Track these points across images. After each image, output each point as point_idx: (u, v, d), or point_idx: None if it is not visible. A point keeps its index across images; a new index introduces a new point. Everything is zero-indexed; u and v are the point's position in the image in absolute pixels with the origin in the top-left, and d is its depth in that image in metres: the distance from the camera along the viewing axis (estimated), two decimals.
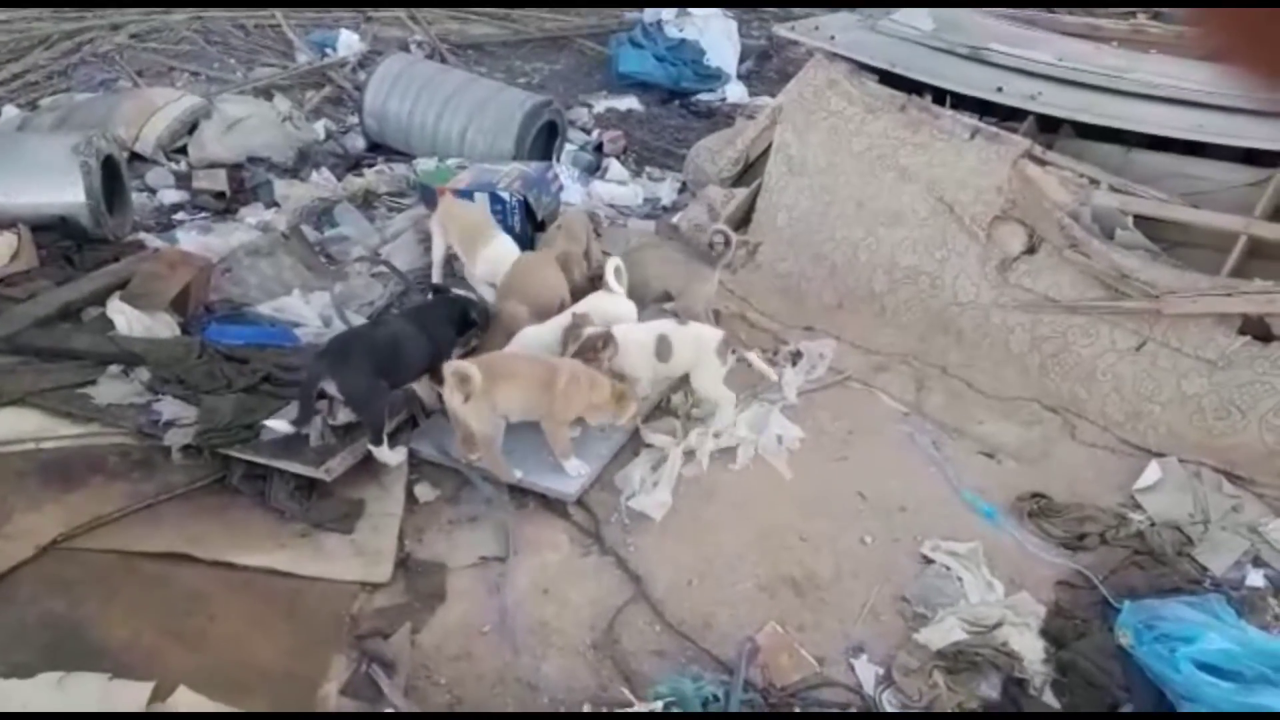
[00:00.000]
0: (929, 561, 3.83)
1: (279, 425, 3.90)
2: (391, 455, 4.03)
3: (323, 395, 4.02)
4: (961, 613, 3.56)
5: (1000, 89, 5.53)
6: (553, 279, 4.95)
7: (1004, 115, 5.73)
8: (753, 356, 4.60)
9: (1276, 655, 3.21)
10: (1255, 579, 3.75)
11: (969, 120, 5.49)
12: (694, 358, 4.42)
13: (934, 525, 3.99)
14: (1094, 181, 5.07)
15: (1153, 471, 4.21)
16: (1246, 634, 3.29)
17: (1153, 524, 3.97)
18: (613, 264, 4.74)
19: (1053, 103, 5.42)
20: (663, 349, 4.37)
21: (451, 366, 3.75)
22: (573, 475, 4.03)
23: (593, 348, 4.21)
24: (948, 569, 3.77)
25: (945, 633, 3.49)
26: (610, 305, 4.61)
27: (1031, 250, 5.09)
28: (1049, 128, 5.76)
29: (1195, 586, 3.67)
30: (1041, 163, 5.19)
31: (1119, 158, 5.45)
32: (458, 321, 4.49)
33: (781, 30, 6.54)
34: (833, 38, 6.09)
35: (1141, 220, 4.94)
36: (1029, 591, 3.69)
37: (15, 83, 7.97)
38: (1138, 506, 4.09)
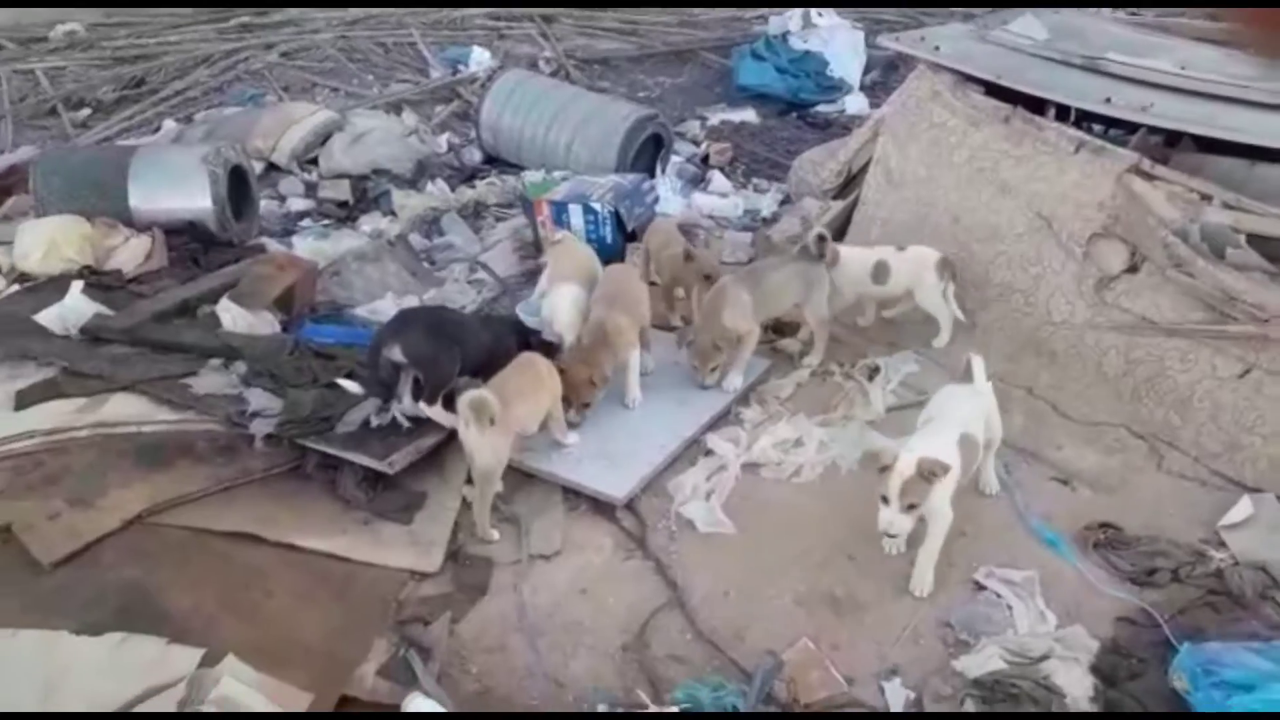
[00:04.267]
0: (981, 588, 3.69)
1: (350, 385, 4.28)
2: (445, 415, 4.19)
3: (396, 366, 4.22)
4: (1006, 642, 3.42)
5: (1109, 99, 5.26)
6: (642, 288, 5.04)
7: (1130, 129, 5.46)
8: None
9: None
10: None
11: (1074, 133, 5.25)
12: (913, 278, 5.03)
13: (993, 552, 3.84)
14: (1205, 197, 4.77)
15: (1244, 507, 3.92)
16: None
17: (1235, 563, 3.70)
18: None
19: (1166, 114, 5.11)
20: (879, 272, 5.06)
21: (467, 397, 3.78)
22: (568, 445, 4.30)
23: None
24: (999, 596, 3.62)
25: (984, 661, 3.35)
26: None
27: (1133, 269, 4.82)
28: (1174, 141, 5.45)
29: (1275, 634, 3.39)
30: (1150, 177, 4.91)
31: (1242, 172, 5.10)
32: (519, 340, 4.65)
33: (886, 41, 6.43)
34: (937, 48, 5.94)
35: (1260, 240, 4.60)
36: (1084, 625, 3.49)
37: (176, 99, 8.71)
38: (1221, 544, 3.81)
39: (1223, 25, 5.47)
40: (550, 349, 4.65)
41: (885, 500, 3.46)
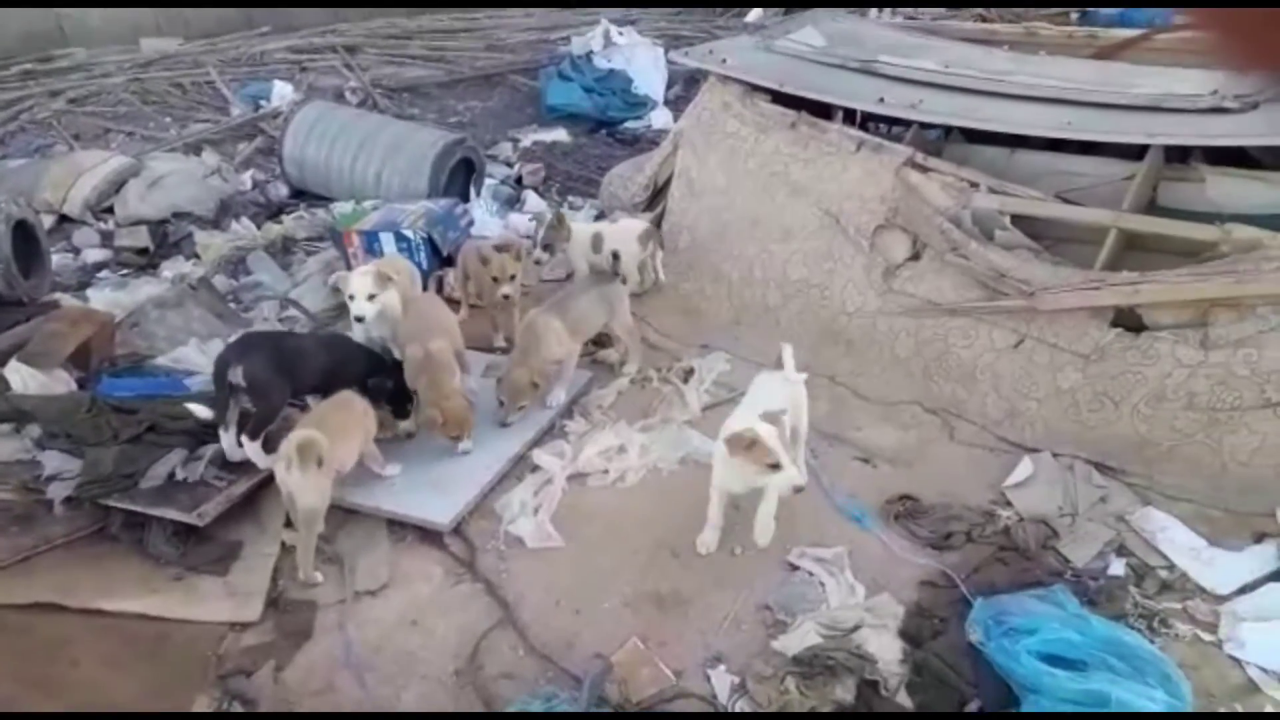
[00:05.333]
0: (795, 569, 3.87)
1: (199, 410, 4.22)
2: (262, 456, 4.13)
3: (232, 388, 4.14)
4: (820, 617, 3.60)
5: (882, 99, 5.62)
6: (449, 313, 5.06)
7: (907, 126, 5.83)
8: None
9: (1115, 641, 3.24)
10: (1117, 568, 3.77)
11: (855, 133, 5.59)
12: (621, 245, 5.55)
13: (805, 533, 4.04)
14: (974, 185, 5.15)
15: (1024, 468, 4.26)
16: (1088, 622, 3.32)
17: (1020, 520, 4.01)
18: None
19: (932, 109, 5.50)
20: (596, 242, 5.66)
21: (294, 438, 3.73)
22: (388, 475, 4.31)
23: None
24: (811, 575, 3.81)
25: (801, 638, 3.52)
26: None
27: (915, 257, 5.16)
28: (946, 134, 5.86)
29: (1056, 579, 3.70)
30: (924, 169, 5.27)
31: (1003, 160, 5.53)
32: (367, 366, 4.58)
33: (676, 56, 6.66)
34: (724, 60, 6.21)
35: (1022, 220, 5.01)
36: (891, 593, 3.72)
37: None
38: (1008, 504, 4.13)
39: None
40: (400, 374, 4.59)
41: (777, 466, 3.60)
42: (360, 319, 4.80)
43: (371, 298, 4.78)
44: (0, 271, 5.57)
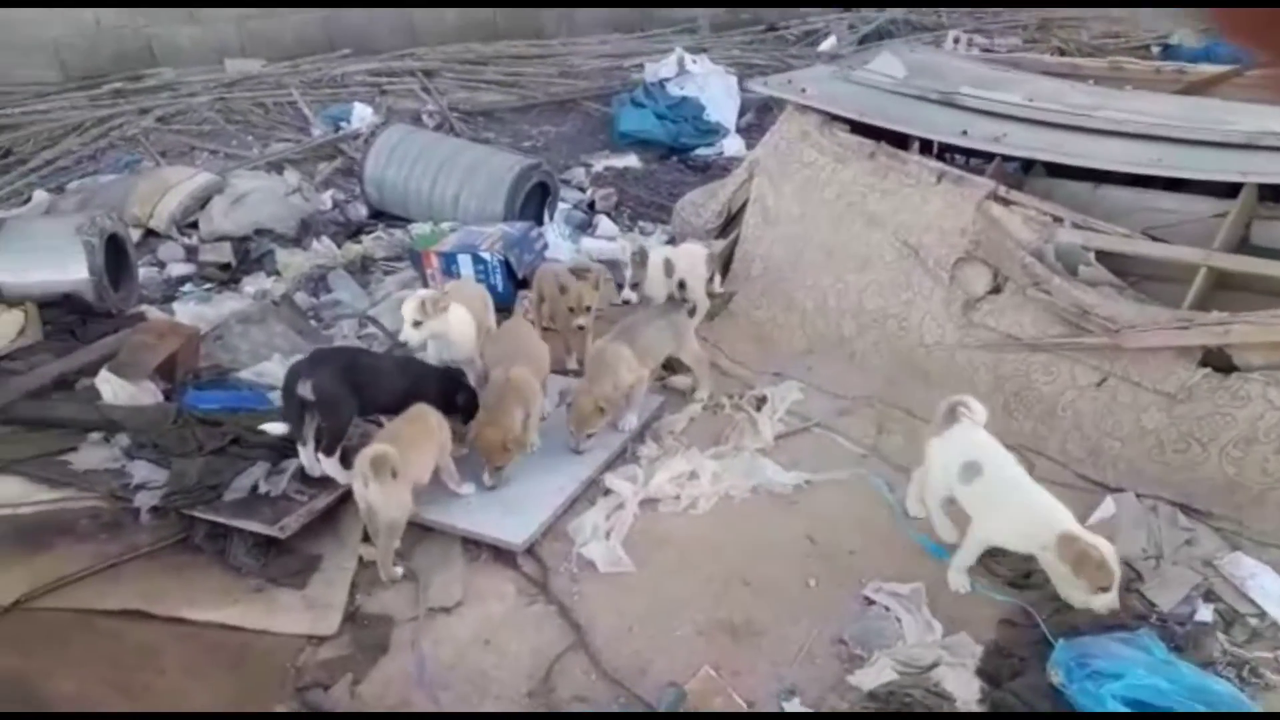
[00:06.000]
0: (871, 603, 3.82)
1: (274, 428, 4.27)
2: (340, 472, 4.19)
3: (302, 403, 4.20)
4: (897, 654, 3.55)
5: (965, 132, 5.58)
6: (538, 340, 5.09)
7: (988, 159, 5.77)
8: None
9: (1204, 690, 3.15)
10: (1205, 614, 3.67)
11: (935, 164, 5.55)
12: (688, 270, 5.54)
13: (881, 567, 3.99)
14: (1058, 219, 5.08)
15: (1106, 507, 4.16)
16: (1177, 669, 3.23)
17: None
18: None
19: (1017, 143, 5.45)
20: (669, 267, 5.51)
21: (367, 454, 3.79)
22: (463, 493, 4.34)
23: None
24: (887, 610, 3.76)
25: (878, 674, 3.47)
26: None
27: (996, 290, 5.10)
28: (1028, 168, 5.79)
29: (1141, 623, 3.60)
30: (1006, 203, 5.21)
31: (1087, 194, 5.45)
32: (443, 386, 4.60)
33: (755, 85, 6.68)
34: (804, 90, 6.21)
35: (1107, 256, 4.93)
36: (970, 631, 3.65)
37: (46, 169, 8.45)
38: None
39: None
40: (473, 398, 4.63)
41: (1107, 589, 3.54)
42: (403, 344, 4.85)
43: (417, 324, 4.72)
44: (92, 283, 5.77)
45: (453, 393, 4.57)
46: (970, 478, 3.86)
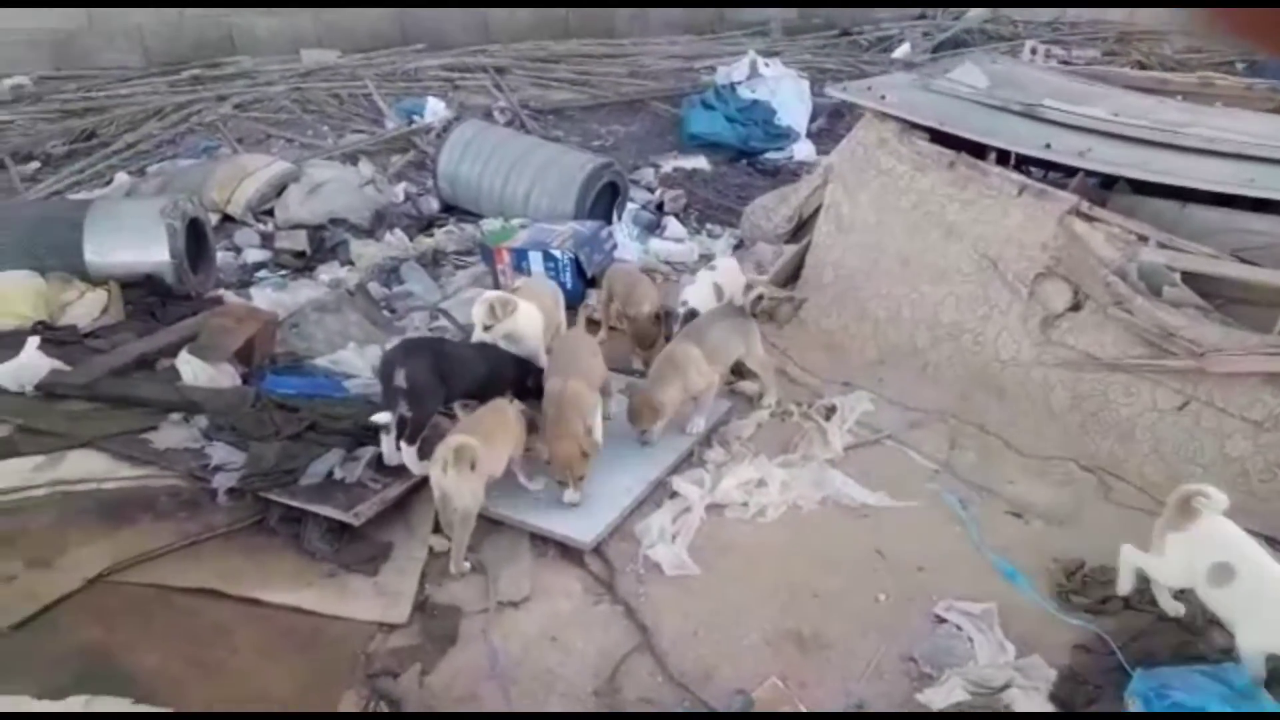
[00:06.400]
0: (941, 621, 3.77)
1: (381, 417, 4.31)
2: (416, 461, 4.25)
3: (397, 393, 4.27)
4: (968, 673, 3.49)
5: (1049, 145, 5.48)
6: (593, 350, 4.99)
7: (1068, 173, 5.68)
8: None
9: None
10: None
11: (1017, 177, 5.46)
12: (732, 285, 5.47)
13: (951, 585, 3.93)
14: (1142, 238, 4.97)
15: None
16: (1261, 705, 3.14)
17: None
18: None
19: (1102, 158, 5.34)
20: (718, 292, 5.48)
21: (451, 442, 3.84)
22: (533, 489, 4.35)
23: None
24: (959, 629, 3.70)
25: (948, 693, 3.42)
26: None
27: (1075, 307, 5.01)
28: (1109, 183, 5.68)
29: (1223, 656, 3.50)
30: (1089, 219, 5.11)
31: (1173, 213, 5.33)
32: (519, 374, 4.74)
33: (833, 90, 6.63)
34: (883, 97, 6.15)
35: (1193, 277, 4.81)
36: (1043, 655, 3.58)
37: (128, 151, 8.67)
38: None
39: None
40: (541, 377, 4.69)
41: None
42: None
43: (487, 328, 4.78)
44: (174, 267, 5.90)
45: (525, 377, 4.69)
46: (1223, 581, 3.44)
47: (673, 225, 7.42)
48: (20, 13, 10.62)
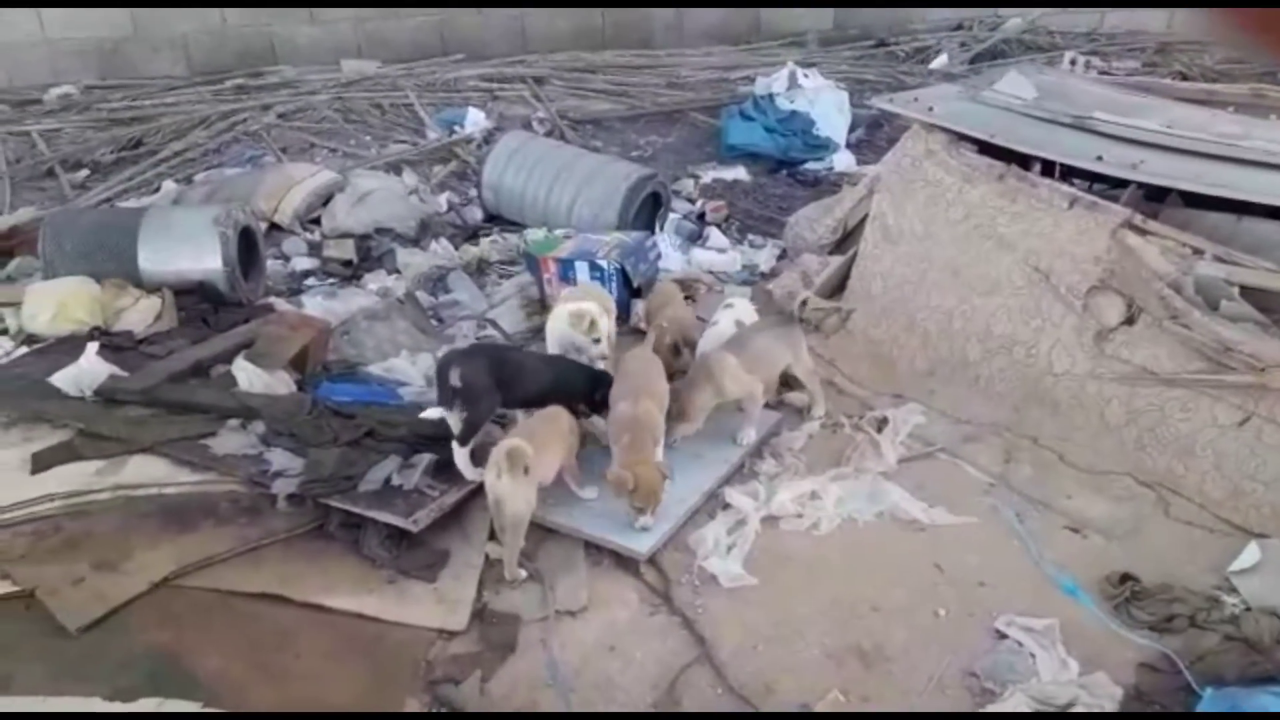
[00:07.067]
0: (1003, 637, 3.75)
1: (433, 412, 4.38)
2: (470, 466, 4.29)
3: (453, 392, 4.30)
4: (1031, 690, 3.47)
5: (1100, 157, 5.44)
6: (659, 371, 4.85)
7: (1115, 185, 5.64)
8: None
9: None
10: None
11: (1067, 189, 5.43)
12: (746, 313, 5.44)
13: (1012, 600, 3.91)
14: (1198, 251, 4.93)
15: (1251, 553, 4.00)
16: None
17: (1248, 609, 3.78)
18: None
19: (1156, 171, 5.29)
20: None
21: (504, 446, 3.87)
22: (586, 497, 4.34)
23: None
24: (1020, 645, 3.68)
25: (1012, 709, 3.40)
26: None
27: (1130, 321, 4.96)
28: (1159, 197, 5.64)
29: None
30: (1143, 232, 5.08)
31: (1229, 227, 5.28)
32: (588, 385, 4.73)
33: (879, 102, 6.63)
34: (931, 109, 6.13)
35: (1251, 292, 4.76)
36: (1107, 672, 3.54)
37: (175, 160, 8.79)
38: (1233, 590, 3.89)
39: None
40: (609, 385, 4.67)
41: None
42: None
43: (596, 341, 5.06)
44: (226, 274, 5.98)
45: (594, 390, 4.68)
46: None
47: (715, 235, 7.43)
48: (67, 23, 10.81)
